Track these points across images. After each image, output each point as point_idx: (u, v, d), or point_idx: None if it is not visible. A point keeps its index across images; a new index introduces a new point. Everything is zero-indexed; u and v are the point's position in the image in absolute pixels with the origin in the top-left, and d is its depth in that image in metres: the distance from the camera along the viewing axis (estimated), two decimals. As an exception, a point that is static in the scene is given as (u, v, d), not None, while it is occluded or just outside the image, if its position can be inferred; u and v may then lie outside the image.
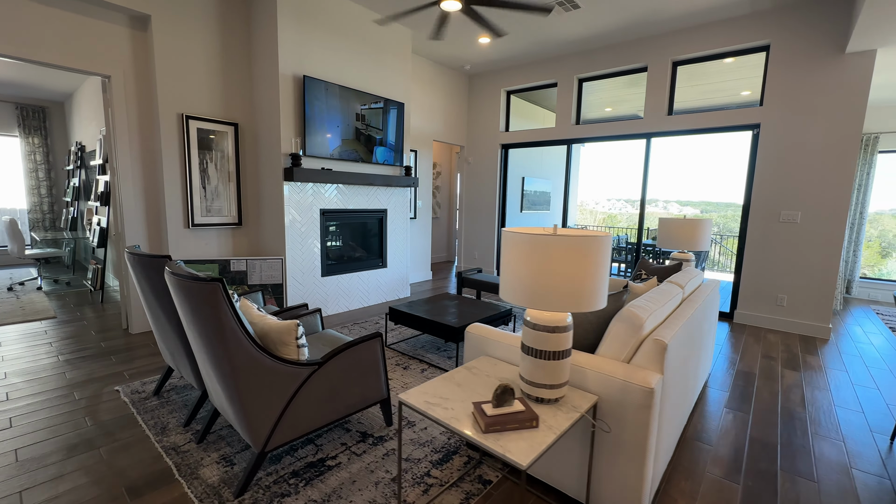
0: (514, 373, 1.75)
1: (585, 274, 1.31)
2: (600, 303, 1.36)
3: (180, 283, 1.60)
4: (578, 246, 1.30)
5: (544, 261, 1.33)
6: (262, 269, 3.83)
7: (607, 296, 1.75)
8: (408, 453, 2.02)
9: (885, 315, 5.02)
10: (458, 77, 6.33)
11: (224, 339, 1.56)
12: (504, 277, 1.48)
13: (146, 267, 2.06)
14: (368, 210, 4.57)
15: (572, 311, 1.33)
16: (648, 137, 5.01)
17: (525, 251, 1.37)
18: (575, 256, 1.30)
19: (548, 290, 1.34)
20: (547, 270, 1.33)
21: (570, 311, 1.33)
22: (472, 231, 6.79)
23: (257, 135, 4.01)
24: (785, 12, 3.98)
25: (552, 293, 1.33)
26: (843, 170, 3.84)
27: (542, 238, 1.32)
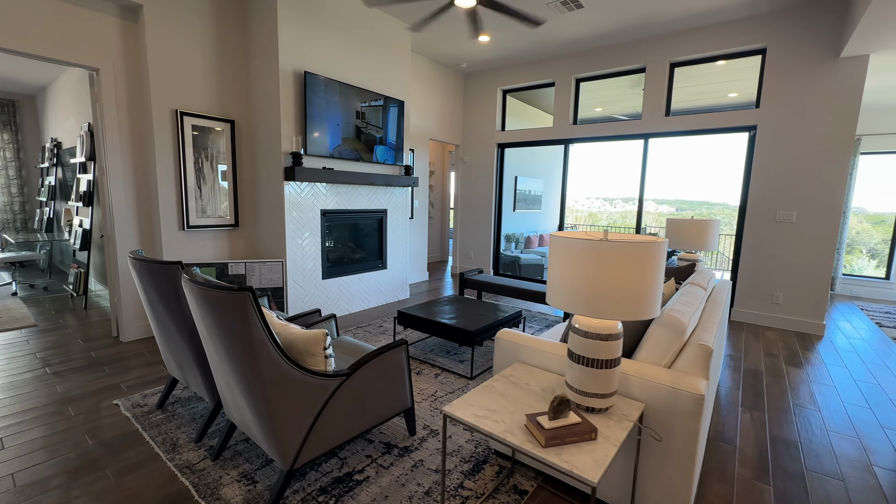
0: (553, 381, 1.70)
1: (643, 281, 1.27)
2: (655, 310, 1.33)
3: (203, 293, 1.49)
4: (637, 252, 1.26)
5: (601, 267, 1.28)
6: (262, 273, 3.69)
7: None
8: (436, 464, 1.95)
9: (868, 310, 5.21)
10: (454, 75, 6.26)
11: (254, 352, 1.47)
12: (553, 283, 1.43)
13: (155, 274, 1.92)
14: (369, 210, 4.47)
15: (629, 319, 1.29)
16: (646, 138, 5.06)
17: (578, 257, 1.32)
18: (633, 263, 1.26)
19: (603, 298, 1.29)
20: (603, 277, 1.28)
21: (627, 318, 1.29)
22: (468, 231, 6.75)
23: (255, 132, 3.85)
24: (781, 17, 4.06)
25: (608, 300, 1.29)
26: (837, 171, 3.95)
27: (598, 244, 1.28)
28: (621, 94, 6.20)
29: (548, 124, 5.98)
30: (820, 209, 4.04)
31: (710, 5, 4.02)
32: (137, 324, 3.45)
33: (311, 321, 2.50)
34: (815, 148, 4.02)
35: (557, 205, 10.75)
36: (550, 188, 9.90)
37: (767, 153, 4.27)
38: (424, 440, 2.14)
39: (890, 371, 3.28)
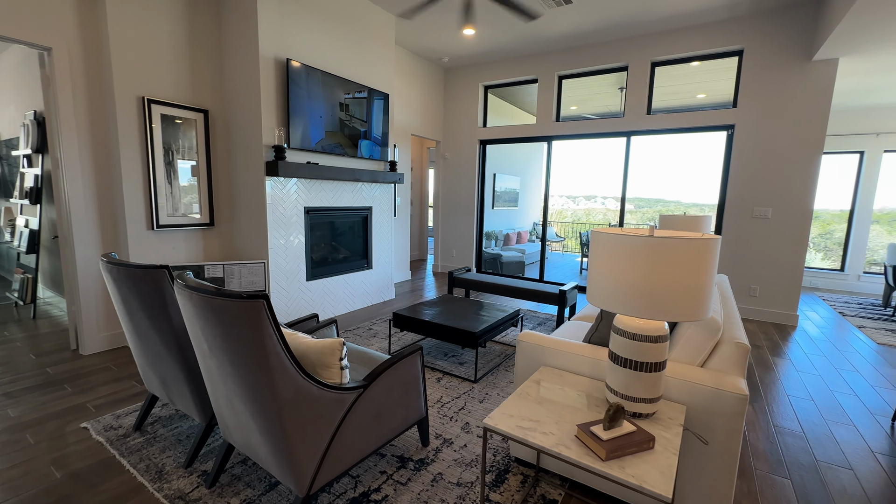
0: (587, 385, 1.62)
1: (699, 280, 1.21)
2: (708, 310, 1.27)
3: (207, 302, 1.29)
4: (693, 249, 1.19)
5: (654, 265, 1.21)
6: (242, 275, 3.42)
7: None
8: (457, 476, 1.84)
9: (830, 301, 5.55)
10: (435, 70, 6.12)
11: (268, 368, 1.29)
12: (596, 282, 1.35)
13: (136, 280, 1.69)
14: (353, 208, 4.26)
15: (683, 321, 1.23)
16: (629, 136, 5.13)
17: (629, 255, 1.24)
18: (689, 260, 1.20)
19: (656, 298, 1.22)
20: (657, 276, 1.21)
21: (681, 319, 1.23)
22: (450, 228, 6.64)
23: (231, 124, 3.56)
24: (758, 20, 4.21)
25: (661, 301, 1.22)
26: (809, 169, 4.14)
27: (653, 241, 1.20)
28: (598, 94, 6.29)
29: (526, 122, 5.96)
30: (793, 206, 4.23)
31: (691, 7, 4.10)
32: (100, 334, 3.11)
33: (308, 327, 2.31)
34: (789, 147, 4.20)
35: (534, 202, 10.88)
36: (527, 185, 9.97)
37: (745, 152, 4.42)
38: (439, 451, 2.02)
39: (862, 357, 3.47)
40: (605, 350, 1.70)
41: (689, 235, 1.25)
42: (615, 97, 6.89)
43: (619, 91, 6.59)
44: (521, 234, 9.12)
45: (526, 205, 10.08)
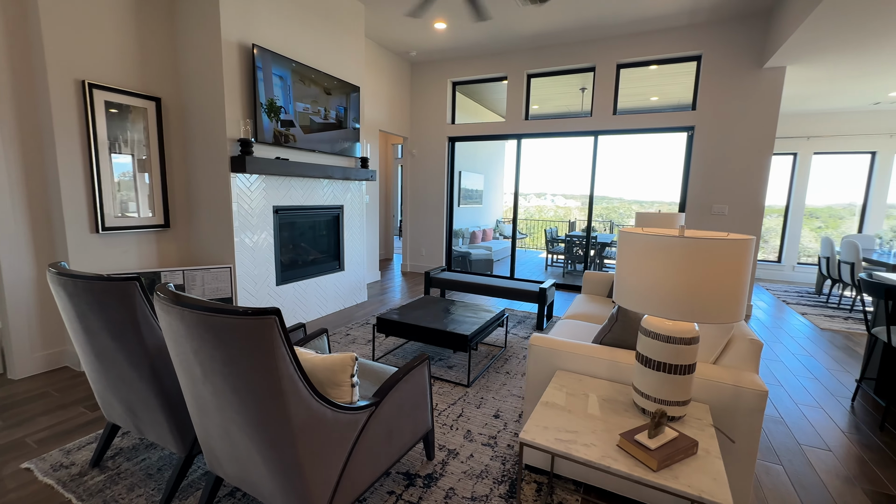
0: (609, 389, 1.59)
1: (737, 280, 1.19)
2: (743, 312, 1.27)
3: (205, 321, 1.10)
4: (731, 249, 1.18)
5: (691, 266, 1.18)
6: (206, 281, 3.11)
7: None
8: (470, 490, 1.75)
9: (773, 290, 6.04)
10: (401, 64, 5.94)
11: (280, 392, 1.13)
12: (626, 283, 1.31)
13: (98, 294, 1.43)
14: (325, 207, 4.02)
15: (722, 322, 1.21)
16: (596, 135, 5.26)
17: (662, 256, 1.21)
18: (726, 261, 1.18)
19: (695, 299, 1.20)
20: (695, 277, 1.18)
21: (721, 321, 1.21)
22: (419, 227, 6.51)
23: (188, 114, 3.21)
24: (715, 28, 4.45)
25: (700, 302, 1.19)
26: (760, 169, 4.45)
27: (688, 242, 1.17)
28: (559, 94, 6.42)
29: (490, 120, 5.96)
30: (747, 203, 4.54)
31: (655, 12, 4.26)
32: (35, 354, 2.69)
33: (296, 339, 2.11)
34: (743, 148, 4.49)
35: (497, 200, 10.97)
36: (491, 183, 10.03)
37: (703, 152, 4.68)
38: (446, 463, 1.92)
39: (812, 342, 3.78)
40: (623, 352, 1.68)
41: (726, 236, 1.23)
42: (576, 97, 7.07)
43: (581, 91, 6.78)
44: (487, 232, 9.16)
45: (489, 202, 10.15)
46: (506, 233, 10.43)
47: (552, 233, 8.16)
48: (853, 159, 6.43)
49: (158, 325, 1.51)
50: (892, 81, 4.73)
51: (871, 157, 6.29)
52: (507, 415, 2.36)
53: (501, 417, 2.32)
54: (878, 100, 5.53)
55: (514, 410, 2.41)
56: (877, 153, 6.22)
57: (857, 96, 5.40)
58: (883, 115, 6.06)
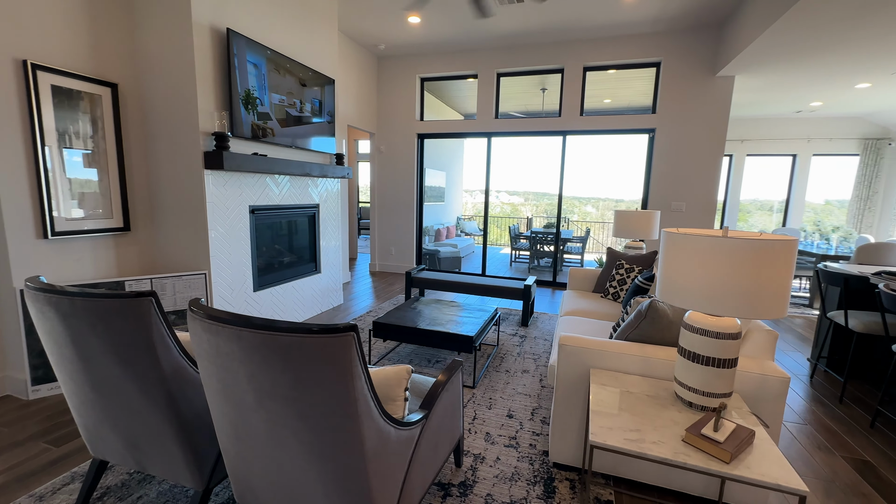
0: (648, 385, 1.64)
1: (784, 278, 1.28)
2: (787, 307, 1.36)
3: (271, 341, 0.98)
4: (778, 250, 1.26)
5: (737, 265, 1.25)
6: (177, 290, 2.80)
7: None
8: (508, 495, 1.73)
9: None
10: (369, 57, 5.74)
11: (356, 415, 1.04)
12: (673, 281, 1.36)
13: (103, 314, 1.23)
14: (301, 206, 3.79)
15: (770, 318, 1.29)
16: (564, 135, 5.43)
17: (720, 255, 1.26)
18: (775, 260, 1.26)
19: (740, 296, 1.26)
20: (748, 275, 1.25)
21: (769, 317, 1.29)
22: (388, 225, 6.36)
23: (151, 103, 2.86)
24: (673, 37, 4.76)
25: (746, 299, 1.26)
26: (713, 169, 4.85)
27: (742, 242, 1.24)
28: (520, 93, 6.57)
29: (452, 118, 5.96)
30: (702, 200, 4.93)
31: (622, 18, 4.47)
32: (-31, 384, 2.27)
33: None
34: (698, 149, 4.87)
35: (458, 197, 11.00)
36: (452, 181, 10.05)
37: (663, 152, 5.00)
38: (475, 469, 1.89)
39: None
40: (653, 347, 1.75)
41: (765, 236, 1.31)
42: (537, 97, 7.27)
43: (542, 91, 6.98)
44: (450, 229, 9.17)
45: (451, 200, 10.17)
46: (467, 230, 10.52)
47: (515, 229, 8.35)
48: (778, 161, 7.22)
49: (176, 345, 1.33)
50: (813, 93, 5.36)
51: (793, 159, 7.10)
52: (520, 414, 2.37)
53: (515, 417, 2.33)
54: (800, 108, 6.25)
55: (525, 409, 2.42)
56: (797, 156, 7.04)
57: (784, 105, 6.05)
58: (802, 122, 6.85)
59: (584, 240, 7.62)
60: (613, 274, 3.20)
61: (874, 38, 3.49)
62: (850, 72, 4.45)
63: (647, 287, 2.55)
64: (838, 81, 4.81)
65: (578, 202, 15.41)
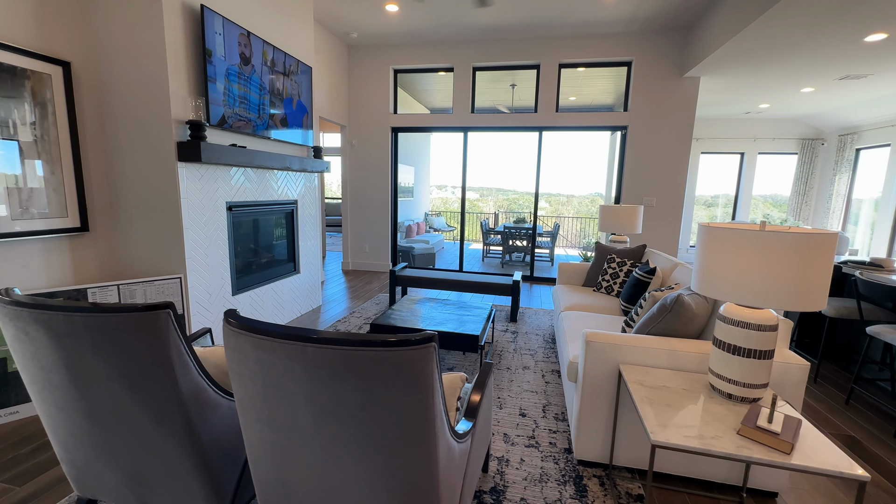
0: (675, 377, 1.65)
1: (823, 270, 1.32)
2: (826, 299, 1.39)
3: (345, 357, 0.86)
4: (820, 243, 1.29)
5: (780, 258, 1.28)
6: (148, 297, 2.51)
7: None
8: (541, 497, 1.69)
9: (677, 270, 7.01)
10: (339, 45, 5.47)
11: (433, 432, 0.94)
12: (712, 274, 1.37)
13: (110, 332, 1.04)
14: (279, 202, 3.54)
15: (808, 309, 1.33)
16: (541, 131, 5.48)
17: (751, 249, 1.29)
18: (814, 253, 1.29)
19: (781, 288, 1.29)
20: (783, 267, 1.28)
21: (811, 308, 1.33)
22: (361, 222, 6.14)
23: (111, 85, 2.52)
24: (644, 37, 4.93)
25: (787, 291, 1.29)
26: (681, 165, 5.10)
27: (785, 236, 1.26)
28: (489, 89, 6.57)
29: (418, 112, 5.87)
30: (672, 195, 5.17)
31: (596, 18, 4.56)
32: None
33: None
34: (667, 146, 5.09)
35: (425, 193, 10.87)
36: (419, 176, 9.90)
37: (635, 149, 5.19)
38: (503, 473, 1.83)
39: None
40: (678, 341, 1.77)
41: (813, 231, 1.35)
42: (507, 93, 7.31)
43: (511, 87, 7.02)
44: (420, 225, 9.05)
45: (419, 196, 10.03)
46: (435, 225, 10.44)
47: (486, 224, 8.38)
48: (728, 158, 7.75)
49: (196, 364, 1.15)
50: (764, 95, 5.78)
51: (741, 157, 7.65)
52: (532, 412, 2.34)
53: (528, 415, 2.30)
54: (749, 110, 6.72)
55: (536, 406, 2.40)
56: (744, 154, 7.59)
57: (737, 106, 6.49)
58: (750, 123, 7.39)
59: (553, 235, 7.79)
60: (605, 268, 3.26)
61: (825, 46, 3.79)
62: (799, 76, 4.82)
63: (647, 280, 2.61)
64: (787, 85, 5.21)
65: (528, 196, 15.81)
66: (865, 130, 6.35)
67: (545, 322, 3.96)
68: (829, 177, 7.01)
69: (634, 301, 2.65)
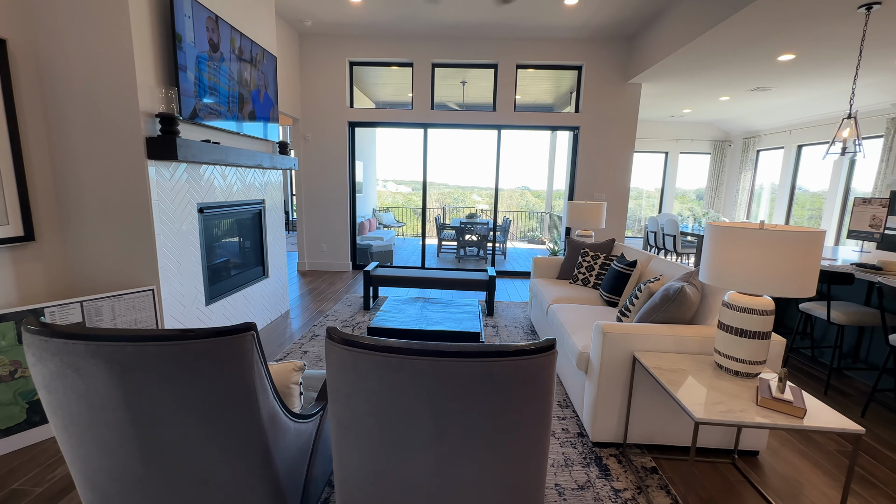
0: (683, 360, 1.85)
1: (812, 262, 1.56)
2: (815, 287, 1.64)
3: (482, 369, 0.87)
4: (811, 239, 1.53)
5: (780, 252, 1.50)
6: (117, 313, 2.21)
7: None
8: (572, 480, 1.81)
9: (617, 259, 7.67)
10: (290, 33, 5.14)
11: (547, 432, 0.99)
12: (717, 266, 1.57)
13: (186, 362, 0.93)
14: (247, 203, 3.29)
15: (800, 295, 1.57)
16: (499, 129, 5.65)
17: (751, 244, 1.51)
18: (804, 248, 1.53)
19: (777, 277, 1.52)
20: (778, 260, 1.50)
21: (798, 295, 1.57)
22: (317, 220, 5.87)
23: (59, 69, 2.15)
24: (593, 44, 5.28)
25: (780, 279, 1.52)
26: (626, 163, 5.57)
27: (774, 234, 1.48)
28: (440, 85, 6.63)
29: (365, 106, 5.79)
30: (618, 191, 5.63)
31: (554, 22, 4.79)
32: None
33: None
34: (614, 146, 5.53)
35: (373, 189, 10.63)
36: (367, 171, 9.66)
37: (586, 148, 5.56)
38: (531, 463, 1.92)
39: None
40: (681, 327, 1.98)
41: (798, 229, 1.59)
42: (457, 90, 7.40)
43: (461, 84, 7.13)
44: (371, 222, 8.86)
45: (367, 191, 9.79)
46: (385, 221, 10.28)
47: (439, 220, 8.44)
48: (654, 157, 8.60)
49: (272, 387, 1.07)
50: (687, 102, 6.50)
51: (665, 155, 8.52)
52: (537, 402, 2.46)
53: (535, 405, 2.42)
54: (673, 114, 7.51)
55: (539, 396, 2.53)
56: (668, 153, 8.47)
57: (665, 110, 7.21)
58: (673, 126, 8.25)
59: (505, 229, 8.07)
60: (580, 262, 3.49)
61: (747, 62, 4.37)
62: (720, 86, 5.50)
63: (628, 273, 2.85)
64: (709, 94, 5.91)
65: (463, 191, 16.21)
66: (764, 135, 7.41)
67: (519, 314, 4.14)
68: (735, 174, 8.08)
69: (617, 292, 2.88)
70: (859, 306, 2.68)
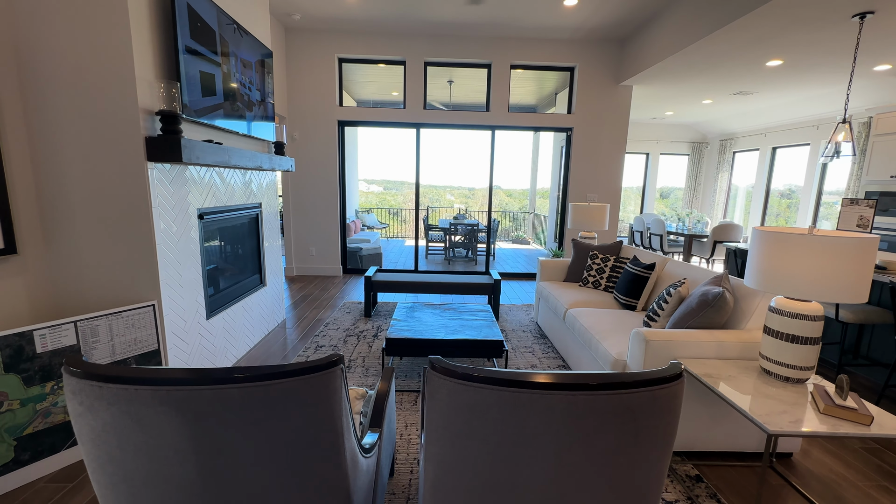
0: (726, 366, 1.83)
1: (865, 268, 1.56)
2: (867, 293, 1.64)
3: (617, 402, 0.79)
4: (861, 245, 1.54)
5: (833, 258, 1.50)
6: (115, 333, 1.99)
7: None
8: (622, 495, 1.76)
9: (603, 259, 7.78)
10: (275, 27, 4.89)
11: (668, 457, 0.91)
12: (767, 272, 1.56)
13: (271, 404, 0.80)
14: (246, 206, 3.07)
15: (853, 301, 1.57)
16: (493, 129, 5.60)
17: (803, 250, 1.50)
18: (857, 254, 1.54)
19: (835, 283, 1.52)
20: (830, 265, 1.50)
21: (851, 301, 1.57)
22: (305, 223, 5.64)
23: (42, 60, 1.90)
24: (587, 46, 5.31)
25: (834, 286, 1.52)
26: (618, 164, 5.64)
27: (826, 239, 1.48)
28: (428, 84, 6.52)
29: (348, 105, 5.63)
30: (610, 191, 5.69)
31: (548, 23, 4.77)
32: None
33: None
34: (606, 146, 5.59)
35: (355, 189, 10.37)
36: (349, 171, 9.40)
37: (579, 149, 5.59)
38: (576, 477, 1.86)
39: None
40: (722, 332, 1.96)
41: (855, 235, 1.59)
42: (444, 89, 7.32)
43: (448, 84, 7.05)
44: (356, 224, 8.63)
45: (350, 192, 9.53)
46: (368, 223, 10.05)
47: (426, 221, 8.32)
48: (637, 158, 8.80)
49: (353, 425, 0.95)
50: (671, 104, 6.67)
51: (646, 157, 8.73)
52: (565, 410, 2.41)
53: (564, 414, 2.36)
54: (655, 116, 7.69)
55: (565, 404, 2.47)
56: (649, 154, 8.68)
57: (647, 112, 7.37)
58: (654, 128, 8.46)
59: (494, 230, 8.04)
60: (590, 264, 3.47)
61: (736, 67, 4.50)
62: (705, 90, 5.65)
63: (646, 276, 2.84)
64: (694, 97, 6.07)
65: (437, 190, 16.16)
66: (740, 137, 7.71)
67: (524, 317, 4.09)
68: (713, 174, 8.37)
69: (634, 294, 2.87)
70: (866, 305, 2.78)
